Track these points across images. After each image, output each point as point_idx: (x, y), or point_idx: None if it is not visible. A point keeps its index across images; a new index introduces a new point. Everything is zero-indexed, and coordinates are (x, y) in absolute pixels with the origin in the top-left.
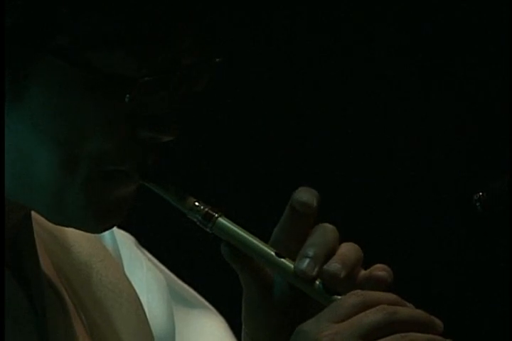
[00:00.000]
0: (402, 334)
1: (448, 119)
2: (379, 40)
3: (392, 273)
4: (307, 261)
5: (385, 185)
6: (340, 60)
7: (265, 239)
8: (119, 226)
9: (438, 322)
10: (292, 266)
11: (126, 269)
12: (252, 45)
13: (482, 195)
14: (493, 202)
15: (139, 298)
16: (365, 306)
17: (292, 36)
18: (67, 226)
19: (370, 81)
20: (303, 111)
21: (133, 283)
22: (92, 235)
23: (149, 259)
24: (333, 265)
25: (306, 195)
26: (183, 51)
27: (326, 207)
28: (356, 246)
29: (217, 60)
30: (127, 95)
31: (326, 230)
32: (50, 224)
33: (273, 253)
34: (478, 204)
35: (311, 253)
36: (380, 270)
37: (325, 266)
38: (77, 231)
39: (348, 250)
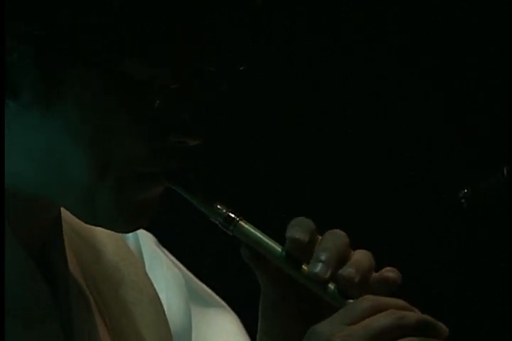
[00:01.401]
0: (410, 338)
1: (447, 119)
2: (379, 40)
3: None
4: (320, 264)
5: (384, 184)
6: (340, 60)
7: (281, 242)
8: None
9: (444, 327)
10: (307, 269)
11: (146, 267)
12: (252, 45)
13: (467, 192)
14: (478, 200)
15: (158, 296)
16: (376, 310)
17: (292, 36)
18: (96, 225)
19: (370, 81)
20: (303, 111)
21: (153, 280)
22: (117, 235)
23: (169, 258)
24: (348, 270)
25: (298, 231)
26: (210, 60)
27: (323, 206)
28: (369, 253)
29: (242, 68)
30: (157, 101)
31: (337, 235)
32: (77, 224)
33: (289, 256)
34: (463, 200)
35: (323, 257)
36: (389, 272)
37: (340, 271)
38: (102, 230)
39: (361, 257)
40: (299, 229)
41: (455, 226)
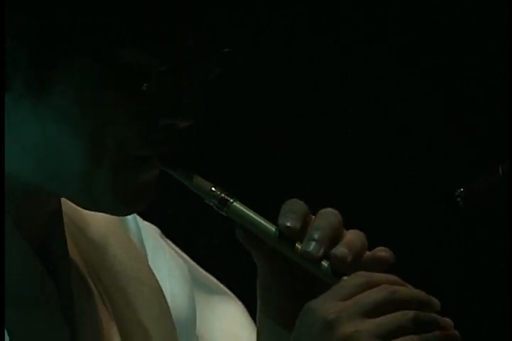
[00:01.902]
0: (403, 311)
1: (447, 119)
2: (379, 40)
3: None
4: (313, 243)
5: (384, 184)
6: (340, 60)
7: (275, 222)
8: (143, 218)
9: (435, 301)
10: (300, 248)
11: (150, 258)
12: (252, 45)
13: (463, 190)
14: (474, 198)
15: (160, 287)
16: (368, 286)
17: (292, 36)
18: (94, 210)
19: (370, 81)
20: (303, 111)
21: (156, 270)
22: (118, 226)
23: (172, 248)
24: (341, 250)
25: (289, 218)
26: (196, 46)
27: (322, 206)
28: (361, 233)
29: (227, 50)
30: (145, 85)
31: (330, 214)
32: (77, 216)
33: (283, 236)
34: (459, 199)
35: (316, 236)
36: (382, 251)
37: (333, 250)
38: (104, 221)
39: (354, 236)
40: (290, 215)
41: (453, 226)
